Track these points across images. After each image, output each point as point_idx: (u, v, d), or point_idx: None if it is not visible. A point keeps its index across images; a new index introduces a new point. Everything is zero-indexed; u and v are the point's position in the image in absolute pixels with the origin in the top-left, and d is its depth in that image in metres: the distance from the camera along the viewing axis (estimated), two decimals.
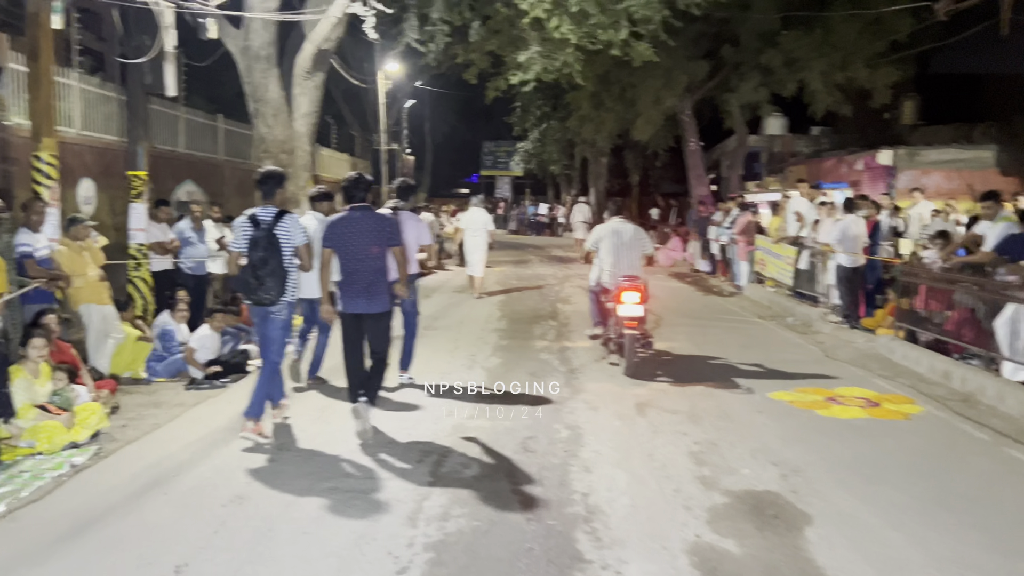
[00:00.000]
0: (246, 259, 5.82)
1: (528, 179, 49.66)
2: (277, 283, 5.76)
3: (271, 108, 12.91)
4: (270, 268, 5.73)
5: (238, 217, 6.16)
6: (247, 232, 5.84)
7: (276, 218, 5.85)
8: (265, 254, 5.73)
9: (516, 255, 25.52)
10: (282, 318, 5.98)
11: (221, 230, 11.11)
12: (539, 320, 11.90)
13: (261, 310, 5.94)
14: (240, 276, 5.90)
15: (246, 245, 5.82)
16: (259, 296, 5.80)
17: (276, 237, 5.78)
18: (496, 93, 17.69)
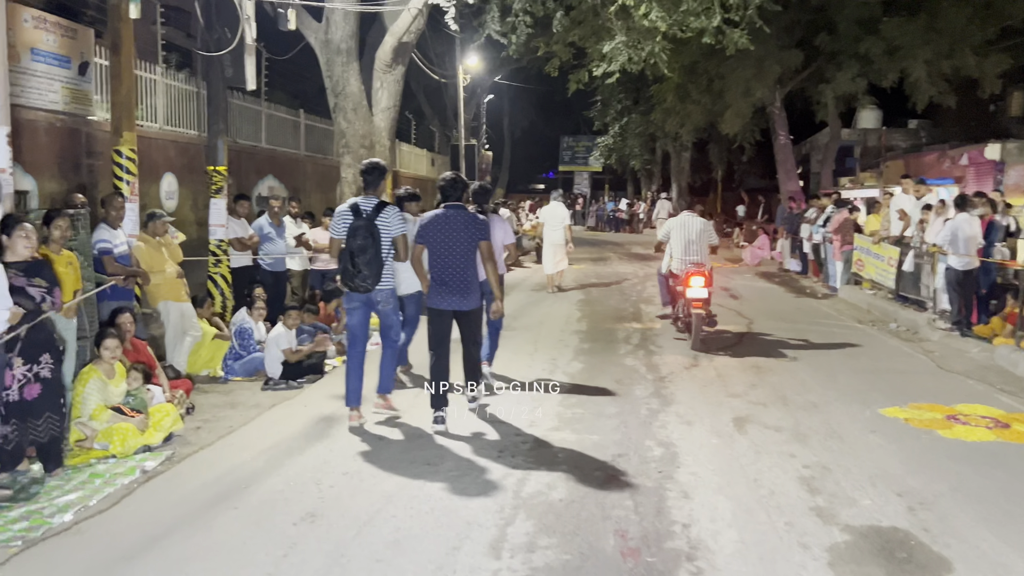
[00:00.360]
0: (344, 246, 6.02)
1: (607, 174, 48.91)
2: (374, 272, 5.95)
3: (351, 102, 12.74)
4: (368, 257, 5.91)
5: (340, 206, 6.36)
6: (348, 220, 6.01)
7: (377, 209, 6.04)
8: (364, 242, 5.89)
9: (595, 252, 24.98)
10: (389, 307, 6.30)
11: (300, 226, 10.98)
12: (622, 322, 11.39)
13: (364, 298, 6.15)
14: (339, 263, 6.07)
15: (346, 233, 5.97)
16: (356, 283, 5.98)
17: (376, 227, 5.95)
18: (578, 86, 17.18)
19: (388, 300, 6.25)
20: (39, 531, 4.27)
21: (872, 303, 13.02)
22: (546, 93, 45.84)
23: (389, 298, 6.26)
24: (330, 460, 5.38)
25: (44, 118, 8.86)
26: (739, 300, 14.04)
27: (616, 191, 49.40)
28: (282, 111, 16.38)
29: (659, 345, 9.59)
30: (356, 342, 6.35)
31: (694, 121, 22.61)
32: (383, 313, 6.32)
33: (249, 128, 14.81)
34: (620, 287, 15.89)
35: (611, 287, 15.87)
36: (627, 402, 6.95)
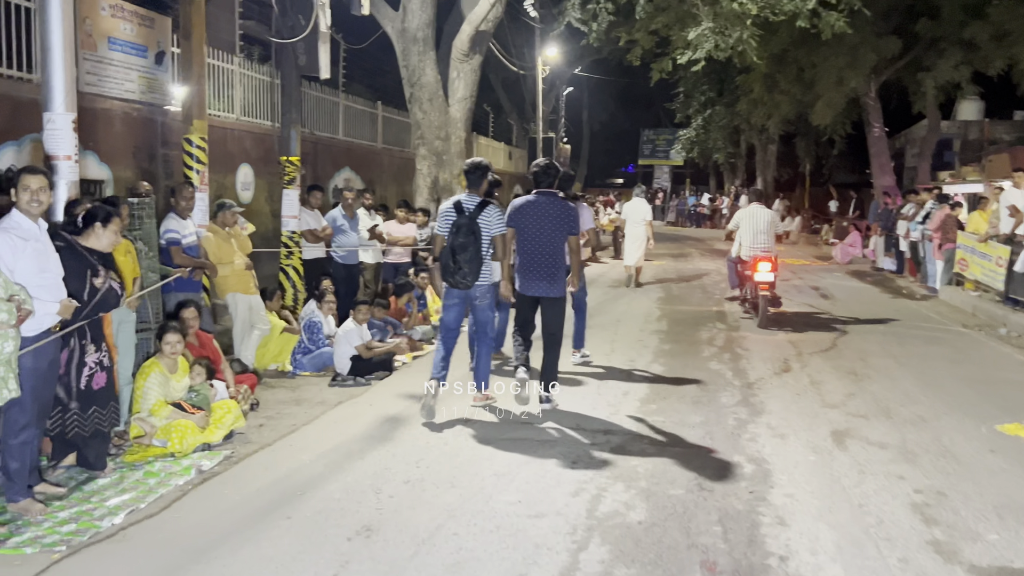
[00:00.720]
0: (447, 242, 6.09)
1: (688, 168, 47.79)
2: (474, 269, 6.03)
3: (427, 92, 12.48)
4: (469, 254, 5.98)
5: (443, 203, 6.51)
6: (451, 218, 6.09)
7: (479, 207, 6.10)
8: (466, 240, 5.98)
9: (675, 248, 24.26)
10: (486, 302, 6.38)
11: (374, 218, 10.76)
12: (704, 322, 10.80)
13: (462, 294, 6.23)
14: (440, 259, 6.18)
15: (449, 231, 6.06)
16: (456, 280, 6.08)
17: (477, 225, 6.02)
18: (661, 75, 16.56)
19: (485, 296, 6.32)
20: (86, 535, 4.06)
21: (977, 306, 12.07)
22: (626, 85, 45.09)
23: (486, 294, 6.33)
24: (391, 466, 5.05)
25: (120, 107, 8.83)
26: (831, 300, 13.25)
27: (697, 185, 48.24)
28: (360, 103, 16.28)
29: (746, 348, 8.99)
30: (450, 336, 6.37)
31: (782, 112, 21.66)
32: (479, 309, 6.38)
33: (326, 120, 14.73)
34: (702, 284, 15.24)
35: (692, 284, 15.24)
36: (712, 410, 6.43)
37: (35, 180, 4.40)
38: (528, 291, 6.37)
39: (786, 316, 11.03)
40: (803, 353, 8.75)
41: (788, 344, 9.25)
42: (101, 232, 4.97)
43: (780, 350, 8.90)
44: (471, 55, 12.68)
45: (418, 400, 6.73)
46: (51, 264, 4.46)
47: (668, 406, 6.55)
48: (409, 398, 6.81)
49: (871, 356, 8.63)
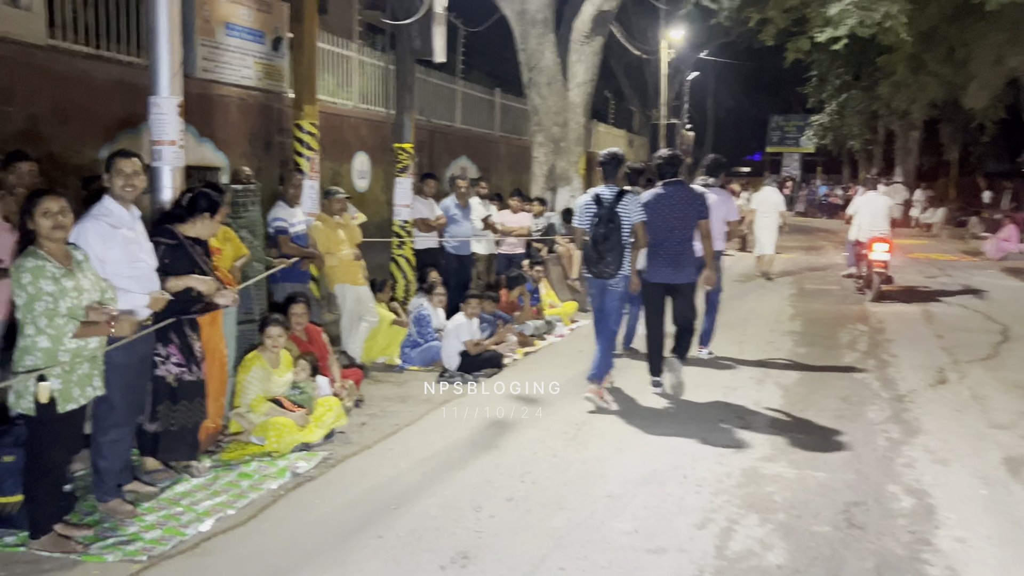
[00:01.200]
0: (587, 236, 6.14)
1: (820, 156, 45.36)
2: (616, 258, 6.06)
3: (545, 76, 11.99)
4: (611, 244, 6.03)
5: (581, 196, 6.48)
6: (592, 210, 6.13)
7: (617, 197, 6.10)
8: (607, 231, 6.02)
9: (806, 240, 22.89)
10: (619, 290, 6.26)
11: (488, 208, 10.39)
12: (843, 323, 9.87)
13: (600, 283, 6.25)
14: (583, 251, 6.25)
15: (590, 222, 6.11)
16: (599, 270, 6.12)
17: (617, 215, 6.04)
18: (797, 55, 15.39)
19: (619, 284, 6.25)
20: (169, 543, 3.81)
21: None
22: (754, 70, 43.15)
23: (620, 282, 6.26)
24: (494, 479, 4.62)
25: (236, 94, 8.78)
26: (986, 300, 11.95)
27: (829, 174, 45.76)
28: (478, 90, 15.98)
29: (893, 354, 8.08)
30: (600, 319, 6.44)
31: (929, 95, 19.91)
32: (609, 295, 6.28)
33: (444, 107, 14.49)
34: (838, 280, 14.12)
35: (827, 280, 14.15)
36: (858, 428, 5.68)
37: (129, 164, 4.19)
38: (655, 279, 6.43)
39: (935, 316, 9.99)
40: (959, 361, 7.79)
41: (941, 351, 8.26)
42: (208, 222, 4.76)
43: (933, 358, 7.94)
44: (592, 37, 12.10)
45: (527, 401, 6.33)
46: (143, 254, 4.24)
47: (806, 421, 5.85)
48: (517, 399, 6.39)
49: None
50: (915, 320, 10.09)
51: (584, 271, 6.40)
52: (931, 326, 9.71)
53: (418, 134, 13.20)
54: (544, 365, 7.73)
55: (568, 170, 12.38)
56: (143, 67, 7.52)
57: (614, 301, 6.28)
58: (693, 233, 6.42)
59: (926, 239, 24.70)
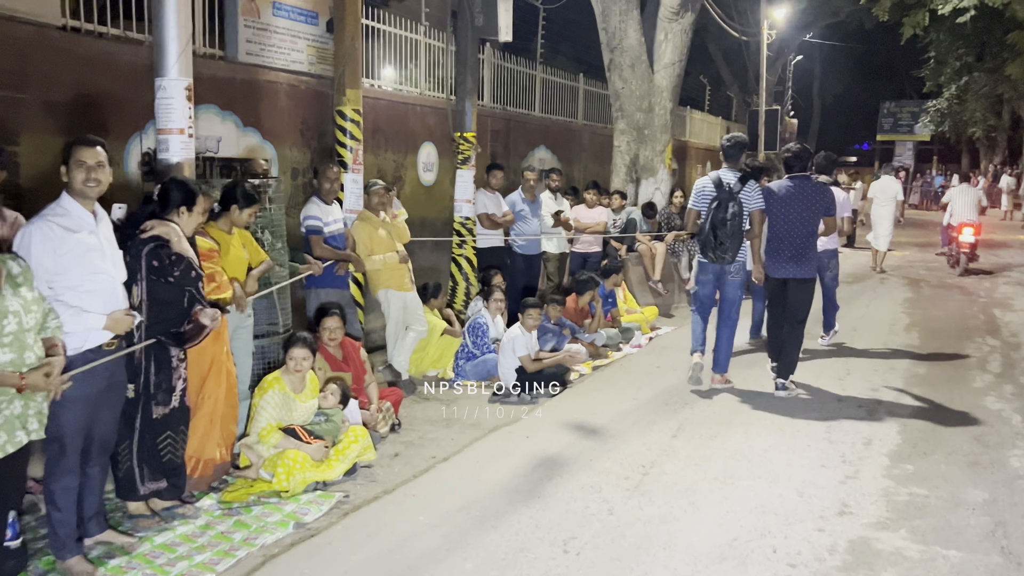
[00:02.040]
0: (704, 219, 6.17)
1: (936, 144, 42.39)
2: (735, 244, 6.07)
3: (628, 57, 10.94)
4: (730, 228, 6.02)
5: (700, 179, 6.41)
6: (711, 193, 6.14)
7: (740, 181, 6.12)
8: (727, 215, 6.00)
9: (919, 235, 21.02)
10: (738, 279, 6.34)
11: (560, 202, 9.47)
12: (970, 335, 8.51)
13: (717, 269, 6.27)
14: (698, 235, 6.27)
15: (707, 205, 6.13)
16: (717, 255, 6.12)
17: (739, 200, 6.05)
18: (914, 30, 13.83)
19: (738, 273, 6.31)
20: None
21: None
22: (864, 53, 40.57)
23: (740, 271, 6.31)
24: (529, 546, 3.71)
25: (286, 80, 8.11)
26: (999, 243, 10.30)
27: (946, 163, 42.69)
28: (559, 76, 14.99)
29: None
30: (704, 308, 6.53)
31: None
32: (729, 285, 6.35)
33: (521, 94, 13.60)
34: (958, 282, 12.58)
35: (946, 281, 12.62)
36: (1001, 480, 4.52)
37: (91, 154, 3.48)
38: (776, 273, 6.30)
39: None
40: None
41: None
42: (187, 218, 4.05)
43: None
44: (682, 13, 10.98)
45: (586, 432, 5.41)
46: (107, 264, 3.53)
47: (931, 469, 4.71)
48: (575, 429, 5.48)
49: None
50: None
51: (699, 256, 6.41)
52: None
53: (493, 123, 12.39)
54: (614, 384, 6.77)
55: (653, 160, 11.31)
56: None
57: (734, 290, 6.37)
58: (817, 228, 6.27)
59: None
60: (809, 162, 6.58)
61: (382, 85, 9.95)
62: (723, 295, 6.40)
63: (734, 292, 6.37)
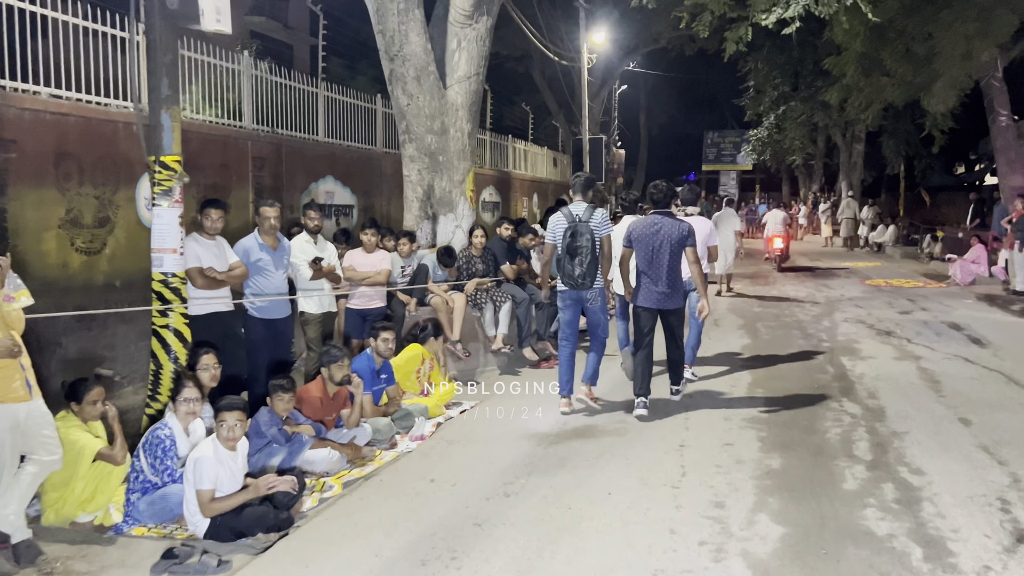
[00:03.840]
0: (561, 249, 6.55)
1: (758, 173, 43.53)
2: (591, 271, 6.48)
3: (412, 68, 8.96)
4: (583, 255, 6.43)
5: (553, 215, 6.82)
6: (563, 225, 6.54)
7: (588, 211, 6.52)
8: (581, 243, 6.43)
9: (750, 265, 20.35)
10: (599, 304, 6.67)
11: (322, 246, 7.30)
12: (823, 400, 7.02)
13: (576, 296, 6.61)
14: (558, 265, 6.62)
15: (562, 236, 6.51)
16: (576, 282, 6.49)
17: (591, 228, 6.47)
18: (737, 46, 12.69)
19: (597, 299, 6.61)
20: None
21: None
22: (687, 84, 41.15)
23: (598, 297, 6.61)
24: None
25: None
26: (987, 347, 9.29)
27: (768, 191, 43.89)
28: (350, 95, 12.86)
29: (914, 465, 5.16)
30: (569, 337, 6.72)
31: (886, 98, 17.48)
32: (591, 311, 6.66)
33: (299, 115, 11.37)
34: (797, 321, 11.39)
35: (784, 320, 11.40)
36: None
37: None
38: (648, 304, 6.62)
39: (941, 381, 7.21)
40: (1020, 479, 4.95)
41: (982, 454, 5.42)
42: None
43: (978, 470, 5.08)
44: (476, 17, 9.15)
45: None
46: None
47: None
48: None
49: None
50: (917, 390, 7.28)
51: (559, 284, 6.63)
52: (944, 399, 6.92)
53: (255, 148, 10.06)
54: (357, 522, 4.60)
55: (451, 192, 9.35)
56: None
57: (597, 315, 6.70)
58: (680, 260, 6.59)
59: (879, 260, 22.44)
60: (672, 197, 6.97)
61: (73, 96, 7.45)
62: (589, 320, 6.75)
63: (596, 316, 6.70)
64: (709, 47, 27.00)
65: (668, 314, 6.65)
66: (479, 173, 18.39)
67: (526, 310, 8.71)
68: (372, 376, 6.36)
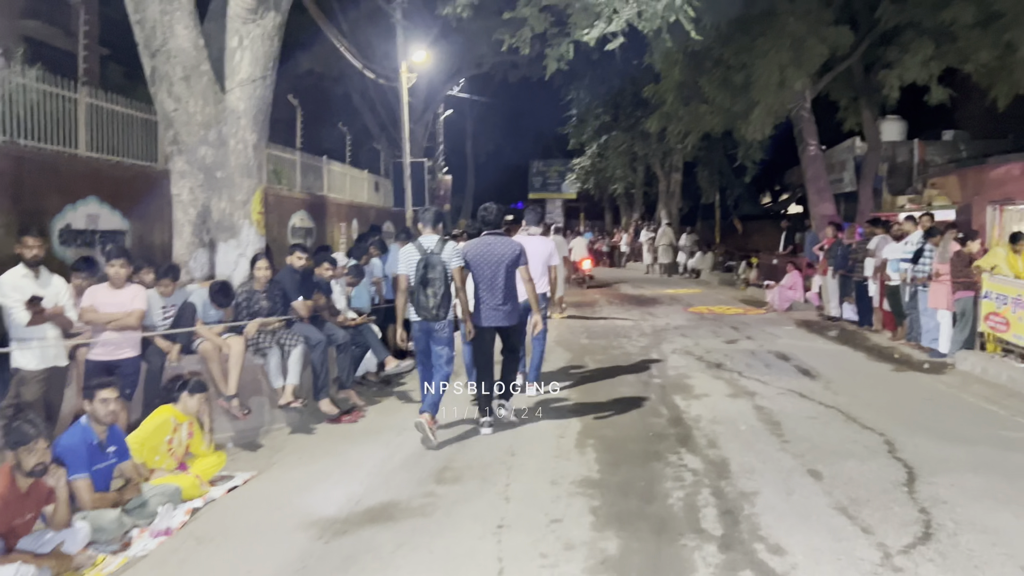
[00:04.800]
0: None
1: (582, 202, 44.09)
2: (445, 302, 6.48)
3: (180, 67, 7.47)
4: (436, 287, 6.44)
5: (403, 247, 6.95)
6: (415, 257, 6.54)
7: (440, 244, 6.57)
8: (434, 275, 6.44)
9: (576, 293, 19.87)
10: (445, 335, 6.60)
11: (45, 280, 5.68)
12: (658, 450, 6.16)
13: (427, 327, 6.56)
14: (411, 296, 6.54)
15: (416, 268, 6.49)
16: (430, 313, 6.45)
17: (442, 260, 6.48)
18: (558, 64, 11.97)
19: (444, 329, 6.59)
20: None
21: None
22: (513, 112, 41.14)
23: (445, 327, 6.60)
24: None
25: None
26: (815, 379, 8.93)
27: (592, 220, 44.53)
28: (121, 103, 11.03)
29: (781, 550, 4.31)
30: (423, 363, 6.73)
31: (705, 127, 17.55)
32: (437, 340, 6.60)
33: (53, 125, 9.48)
34: (626, 353, 10.72)
35: (612, 354, 10.68)
36: None
37: None
38: (486, 323, 6.73)
39: (781, 422, 6.56)
40: (891, 553, 4.19)
41: (840, 516, 4.68)
42: None
43: (852, 550, 4.27)
44: (261, 12, 7.77)
45: None
46: None
47: None
48: None
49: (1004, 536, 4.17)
50: (759, 435, 6.58)
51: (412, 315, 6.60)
52: (788, 445, 6.24)
53: None
54: None
55: (233, 215, 7.86)
56: None
57: (441, 344, 6.60)
58: (514, 279, 6.81)
59: (699, 287, 22.70)
60: (503, 220, 7.19)
61: None
62: (432, 350, 6.63)
63: (440, 346, 6.61)
64: (532, 75, 26.81)
65: (507, 331, 6.87)
66: (287, 197, 16.78)
67: (323, 354, 7.37)
68: (92, 452, 4.83)
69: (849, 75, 18.11)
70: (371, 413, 7.66)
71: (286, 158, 16.98)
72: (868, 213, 17.98)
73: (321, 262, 8.08)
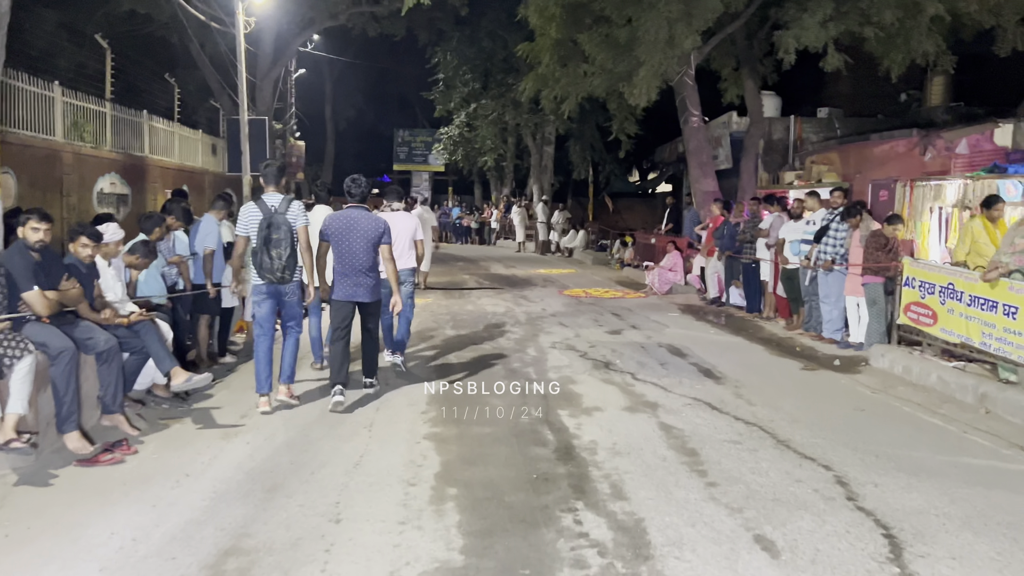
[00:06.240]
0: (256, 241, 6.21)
1: (451, 175, 42.04)
2: (291, 264, 6.23)
3: None
4: (283, 249, 6.16)
5: (245, 205, 6.53)
6: (256, 216, 6.24)
7: (285, 203, 6.29)
8: (279, 236, 6.16)
9: (443, 272, 18.02)
10: (295, 299, 6.46)
11: None
12: (551, 510, 4.38)
13: (274, 290, 6.33)
14: (253, 258, 6.25)
15: (258, 228, 6.17)
16: (275, 275, 6.19)
17: (287, 220, 6.22)
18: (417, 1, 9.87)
19: (295, 292, 6.44)
20: None
21: (963, 384, 6.81)
22: (377, 77, 38.57)
23: (296, 290, 6.44)
24: None
25: None
26: (722, 382, 7.47)
27: (461, 195, 42.59)
28: None
29: None
30: (266, 332, 6.43)
31: (585, 89, 15.86)
32: (288, 304, 6.47)
33: None
34: (499, 350, 8.96)
35: (483, 351, 8.88)
36: None
37: None
38: (344, 297, 6.57)
39: (698, 449, 4.93)
40: None
41: None
42: None
43: None
44: None
45: None
46: None
47: None
48: None
49: None
50: (676, 475, 4.91)
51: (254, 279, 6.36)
52: (716, 490, 4.60)
53: None
54: None
55: None
56: None
57: (293, 308, 6.48)
58: (376, 254, 6.60)
59: (573, 267, 21.29)
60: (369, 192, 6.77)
61: None
62: (284, 314, 6.49)
63: (293, 310, 6.48)
64: (395, 32, 24.49)
65: (364, 307, 6.70)
66: (92, 156, 13.95)
67: (68, 367, 5.14)
68: None
69: (732, 44, 16.97)
70: (150, 446, 5.50)
71: (91, 109, 14.11)
72: (751, 191, 16.94)
73: (75, 236, 5.77)
